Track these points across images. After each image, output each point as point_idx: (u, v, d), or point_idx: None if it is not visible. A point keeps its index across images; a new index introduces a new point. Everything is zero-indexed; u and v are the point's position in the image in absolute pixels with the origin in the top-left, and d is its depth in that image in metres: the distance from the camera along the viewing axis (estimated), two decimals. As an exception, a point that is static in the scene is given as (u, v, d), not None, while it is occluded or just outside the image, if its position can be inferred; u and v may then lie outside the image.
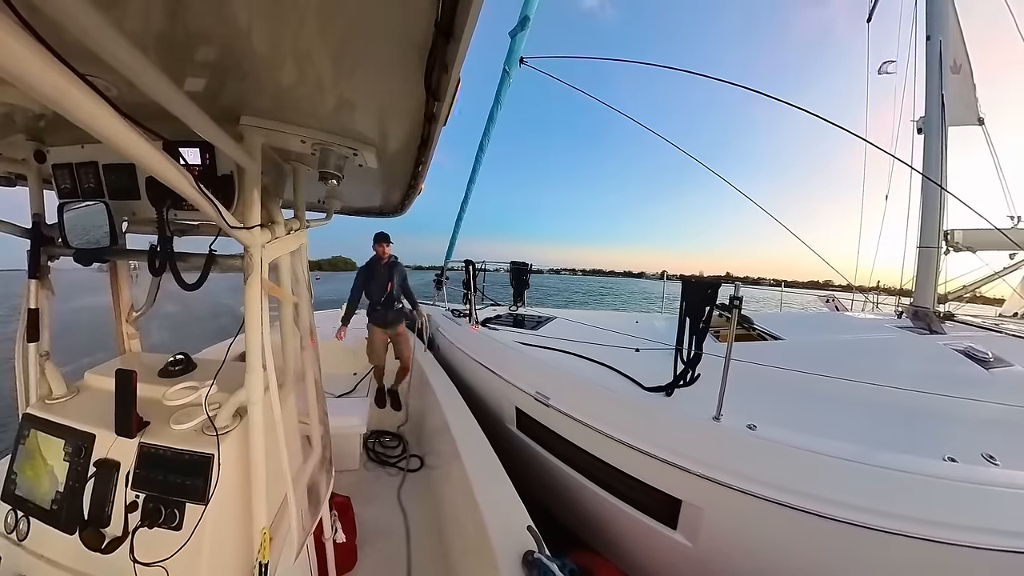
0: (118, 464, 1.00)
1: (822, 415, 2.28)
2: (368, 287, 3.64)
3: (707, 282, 2.39)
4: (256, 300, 1.03)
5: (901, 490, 1.63)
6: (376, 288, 3.62)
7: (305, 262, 1.40)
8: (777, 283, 8.03)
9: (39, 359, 1.20)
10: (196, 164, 1.03)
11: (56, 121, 1.05)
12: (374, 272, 3.62)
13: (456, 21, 0.60)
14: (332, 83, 0.87)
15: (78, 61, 0.45)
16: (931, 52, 4.13)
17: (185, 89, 0.76)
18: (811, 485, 1.71)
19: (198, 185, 0.73)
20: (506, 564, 1.49)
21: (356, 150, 1.19)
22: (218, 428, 1.01)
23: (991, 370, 2.60)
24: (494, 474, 2.15)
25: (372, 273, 3.62)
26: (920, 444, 1.93)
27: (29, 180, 1.20)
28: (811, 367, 2.58)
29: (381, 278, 3.61)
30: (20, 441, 1.11)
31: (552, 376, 2.88)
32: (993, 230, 3.62)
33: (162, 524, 0.94)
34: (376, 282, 3.60)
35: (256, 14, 0.63)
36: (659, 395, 2.42)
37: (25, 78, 0.40)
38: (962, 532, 1.49)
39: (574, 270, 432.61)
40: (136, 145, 0.56)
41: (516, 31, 4.97)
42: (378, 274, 3.61)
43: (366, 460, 3.19)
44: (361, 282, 3.67)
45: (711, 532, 1.96)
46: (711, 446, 1.97)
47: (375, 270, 3.62)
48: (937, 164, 3.87)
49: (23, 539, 1.03)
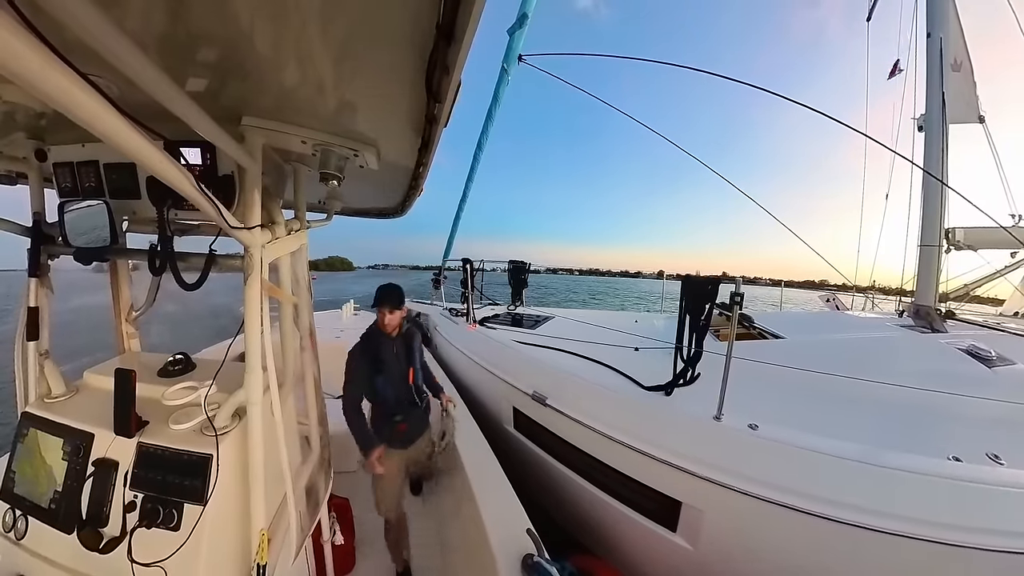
0: (117, 464, 1.00)
1: (824, 414, 2.26)
2: (374, 382, 2.02)
3: (707, 279, 2.38)
4: (256, 300, 1.03)
5: (906, 490, 1.61)
6: (389, 381, 2.05)
7: (305, 263, 1.40)
8: (775, 282, 8.06)
9: (38, 358, 1.20)
10: (197, 164, 1.03)
11: (57, 120, 1.05)
12: (380, 353, 2.03)
13: (457, 23, 0.60)
14: (333, 84, 0.87)
15: (80, 60, 0.45)
16: (931, 50, 4.11)
17: (187, 89, 0.76)
18: (814, 486, 1.69)
19: (199, 185, 0.73)
20: (505, 567, 1.48)
21: (357, 151, 1.19)
22: (217, 428, 1.01)
23: (994, 368, 2.58)
24: (493, 476, 2.14)
25: (376, 355, 2.02)
26: (924, 443, 1.92)
27: (30, 179, 1.20)
28: (812, 366, 2.57)
29: (394, 362, 2.06)
30: (19, 439, 1.11)
31: (550, 375, 2.86)
32: (994, 228, 3.60)
33: (160, 524, 0.94)
34: (387, 371, 2.04)
35: (258, 15, 0.63)
36: (658, 394, 2.40)
37: (26, 77, 0.40)
38: (967, 533, 1.48)
39: (571, 270, 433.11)
40: (137, 144, 0.56)
41: (514, 29, 4.97)
42: (387, 356, 2.04)
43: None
44: (362, 376, 2.00)
45: (712, 534, 1.94)
46: (712, 446, 1.95)
47: (380, 350, 2.03)
48: (938, 161, 3.85)
49: (21, 538, 1.02)
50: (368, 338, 2.05)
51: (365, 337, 2.06)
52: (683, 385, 2.47)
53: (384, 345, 2.04)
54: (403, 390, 2.09)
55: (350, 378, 1.98)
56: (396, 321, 2.03)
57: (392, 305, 1.98)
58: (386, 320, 1.99)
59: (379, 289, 2.01)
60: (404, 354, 2.11)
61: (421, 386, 2.22)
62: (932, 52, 4.11)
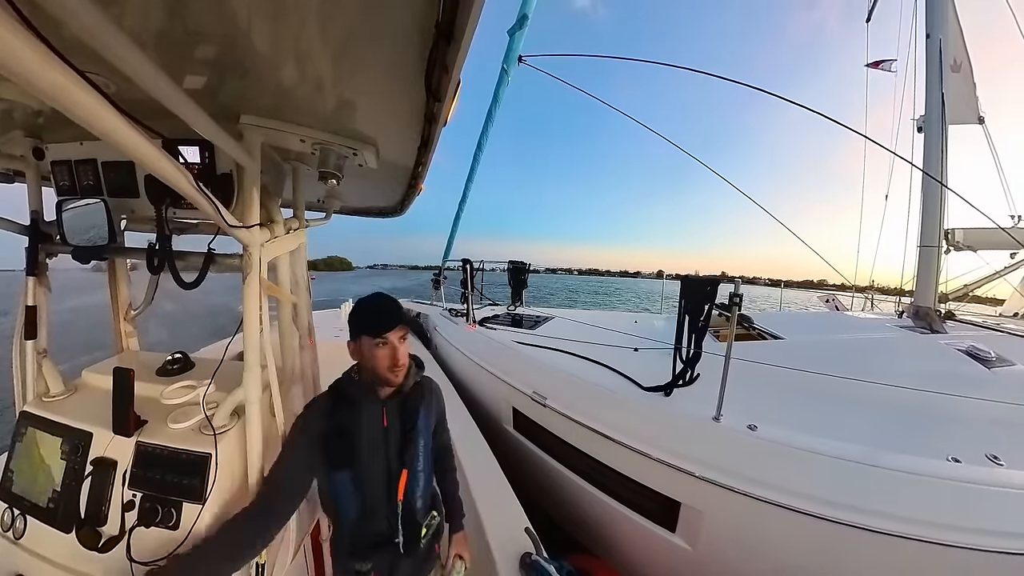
0: (115, 463, 1.00)
1: (824, 415, 2.26)
2: (331, 482, 1.04)
3: (706, 280, 2.38)
4: (255, 299, 1.03)
5: (904, 491, 1.61)
6: (360, 485, 1.04)
7: (304, 262, 1.40)
8: (774, 283, 8.05)
9: (36, 356, 1.20)
10: (195, 162, 1.03)
11: (55, 118, 1.04)
12: (354, 425, 1.05)
13: (456, 22, 0.60)
14: (332, 83, 0.87)
15: (77, 58, 0.45)
16: (931, 50, 4.10)
17: (185, 87, 0.76)
18: (813, 487, 1.69)
19: (197, 183, 0.73)
20: (504, 566, 1.48)
21: (356, 150, 1.19)
22: (216, 427, 1.01)
23: (993, 369, 2.58)
24: (492, 476, 2.14)
25: (345, 429, 1.04)
26: (924, 444, 1.91)
27: (27, 177, 1.19)
28: (812, 366, 2.56)
29: (378, 449, 1.07)
30: (17, 439, 1.11)
31: (549, 375, 2.86)
32: (994, 229, 3.59)
33: (159, 523, 0.94)
34: (361, 463, 1.04)
35: (256, 13, 0.63)
36: (658, 395, 2.40)
37: (24, 74, 0.39)
38: (967, 534, 1.47)
39: (570, 270, 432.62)
40: (135, 142, 0.56)
41: (515, 30, 4.98)
42: (366, 433, 1.05)
43: None
44: (301, 465, 1.02)
45: (711, 535, 1.94)
46: (711, 447, 1.95)
47: (356, 420, 1.05)
48: (938, 162, 3.84)
49: (20, 537, 1.02)
50: (336, 397, 1.07)
51: (331, 393, 1.08)
52: (682, 386, 2.47)
53: (365, 413, 1.05)
54: (382, 507, 1.06)
55: (279, 461, 1.01)
56: (405, 359, 1.04)
57: (392, 325, 1.00)
58: (386, 357, 1.00)
59: (365, 305, 1.03)
60: (399, 434, 1.07)
61: (426, 501, 1.15)
62: (931, 53, 4.10)
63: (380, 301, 1.04)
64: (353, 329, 1.03)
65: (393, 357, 1.01)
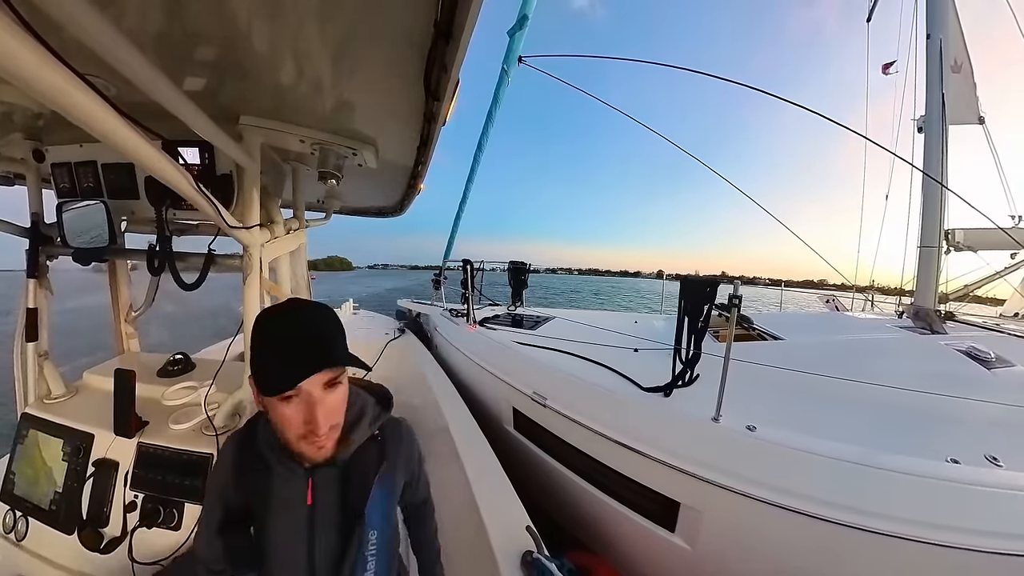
0: (117, 464, 1.00)
1: (823, 416, 2.26)
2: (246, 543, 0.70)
3: (706, 280, 2.38)
4: (255, 299, 1.03)
5: (903, 492, 1.62)
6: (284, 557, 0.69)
7: (304, 262, 1.40)
8: (774, 283, 7.99)
9: (38, 359, 1.20)
10: (195, 163, 1.03)
11: (55, 120, 1.04)
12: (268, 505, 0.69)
13: (455, 22, 0.60)
14: (332, 83, 0.87)
15: (77, 60, 0.45)
16: (931, 51, 4.12)
17: (184, 88, 0.76)
18: (812, 488, 1.69)
19: (197, 184, 0.73)
20: (505, 564, 1.48)
21: (355, 150, 1.19)
22: (217, 428, 1.02)
23: (993, 370, 2.57)
24: (493, 475, 2.14)
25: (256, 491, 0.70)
26: (923, 445, 1.91)
27: (28, 179, 1.19)
28: (812, 367, 2.56)
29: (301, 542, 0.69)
30: (19, 441, 1.11)
31: (549, 376, 2.87)
32: (994, 230, 3.59)
33: (161, 524, 0.94)
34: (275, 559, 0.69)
35: (255, 14, 0.63)
36: (657, 395, 2.41)
37: (23, 76, 0.39)
38: (965, 535, 1.48)
39: (570, 269, 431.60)
40: (135, 144, 0.56)
41: (515, 30, 4.97)
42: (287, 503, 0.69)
43: None
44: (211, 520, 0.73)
45: (710, 535, 1.94)
46: (710, 447, 1.95)
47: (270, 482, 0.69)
48: (938, 163, 3.85)
49: (22, 539, 1.02)
50: (244, 446, 0.73)
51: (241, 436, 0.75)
52: (682, 386, 2.47)
53: (278, 482, 0.70)
54: None
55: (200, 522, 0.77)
56: (335, 417, 0.64)
57: (309, 367, 0.57)
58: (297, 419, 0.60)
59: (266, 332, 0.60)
60: (335, 516, 0.70)
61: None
62: (932, 53, 4.11)
63: (293, 322, 0.61)
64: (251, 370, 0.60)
65: (310, 419, 0.59)
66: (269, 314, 0.61)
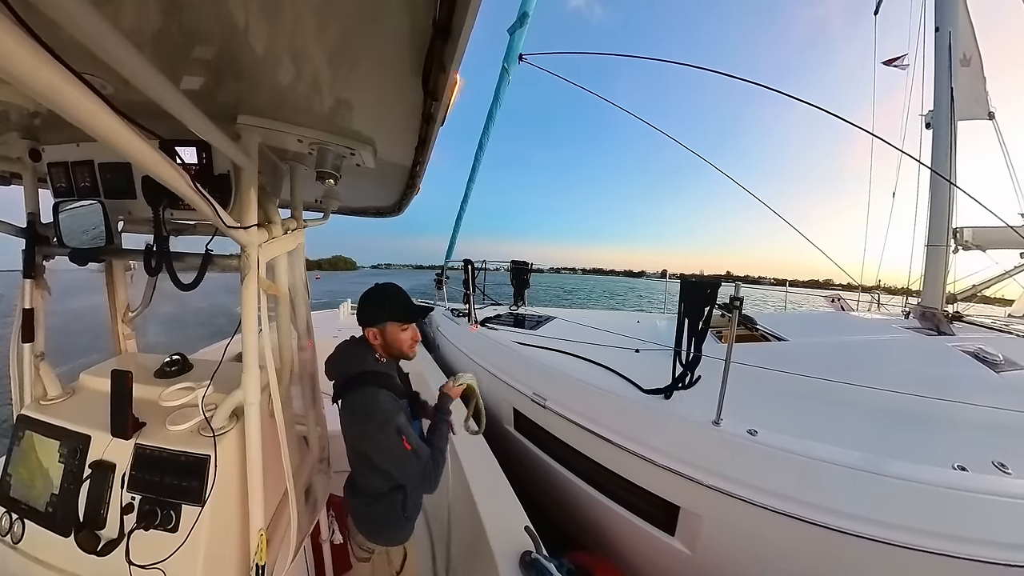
0: (114, 466, 1.00)
1: (826, 419, 2.23)
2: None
3: (706, 282, 2.36)
4: (253, 300, 1.03)
5: (908, 501, 1.57)
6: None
7: (302, 262, 1.40)
8: (778, 282, 7.90)
9: (34, 360, 1.20)
10: (193, 163, 1.02)
11: (51, 119, 1.04)
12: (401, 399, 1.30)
13: (454, 20, 0.59)
14: (330, 82, 0.87)
15: (73, 58, 0.44)
16: (940, 44, 4.02)
17: (181, 87, 0.76)
18: (813, 494, 1.66)
19: (195, 184, 0.73)
20: (504, 564, 1.48)
21: (353, 150, 1.18)
22: (215, 429, 1.01)
23: (1001, 373, 2.52)
24: (492, 475, 2.14)
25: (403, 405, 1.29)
26: (929, 451, 1.86)
27: (24, 179, 1.19)
28: (816, 369, 2.52)
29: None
30: (15, 442, 1.10)
31: (549, 377, 2.86)
32: (1003, 228, 3.45)
33: (158, 526, 0.93)
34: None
35: (253, 13, 0.63)
36: (658, 398, 2.39)
37: (19, 75, 0.39)
38: (971, 545, 1.44)
39: (574, 269, 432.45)
40: (132, 144, 0.56)
41: (515, 28, 4.96)
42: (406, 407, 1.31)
43: None
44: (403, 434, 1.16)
45: (710, 540, 1.92)
46: (710, 451, 1.93)
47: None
48: (946, 159, 3.76)
49: (18, 542, 1.02)
50: (380, 378, 1.20)
51: (377, 376, 1.20)
52: (683, 388, 2.45)
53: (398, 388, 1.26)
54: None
55: (404, 449, 1.12)
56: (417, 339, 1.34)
57: (419, 316, 1.32)
58: (410, 338, 1.28)
59: (391, 296, 1.25)
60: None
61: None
62: (940, 47, 4.01)
63: (401, 292, 1.27)
64: (380, 316, 1.24)
65: (415, 336, 1.30)
66: (385, 291, 1.25)
